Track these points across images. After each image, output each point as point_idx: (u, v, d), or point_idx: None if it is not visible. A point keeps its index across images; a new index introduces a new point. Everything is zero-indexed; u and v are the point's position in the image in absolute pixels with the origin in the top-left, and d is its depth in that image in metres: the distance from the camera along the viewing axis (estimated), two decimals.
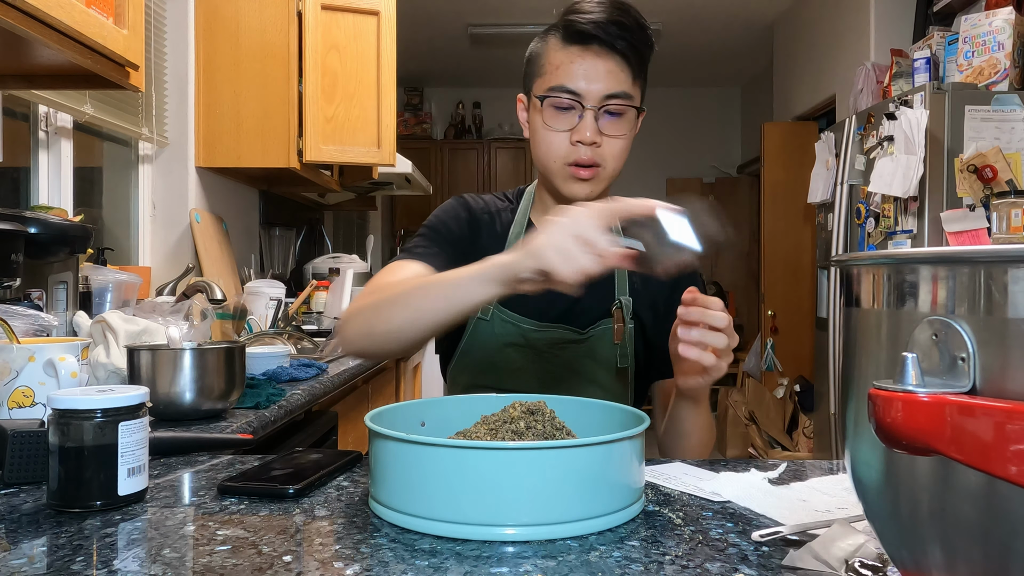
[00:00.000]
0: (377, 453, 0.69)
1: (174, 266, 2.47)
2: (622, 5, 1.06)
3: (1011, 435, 0.36)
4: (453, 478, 0.63)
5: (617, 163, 1.10)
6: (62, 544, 0.63)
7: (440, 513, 0.64)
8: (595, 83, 1.05)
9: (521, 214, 1.20)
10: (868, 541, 0.57)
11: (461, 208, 1.20)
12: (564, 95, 1.06)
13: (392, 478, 0.67)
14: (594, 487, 0.65)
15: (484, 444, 0.65)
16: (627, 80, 1.07)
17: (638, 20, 1.06)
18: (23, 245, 1.32)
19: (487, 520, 0.63)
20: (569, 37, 1.06)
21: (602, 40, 1.05)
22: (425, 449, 0.65)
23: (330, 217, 4.45)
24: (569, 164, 1.08)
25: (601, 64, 1.05)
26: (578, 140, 1.06)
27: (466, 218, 1.19)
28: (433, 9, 4.96)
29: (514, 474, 0.63)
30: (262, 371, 1.70)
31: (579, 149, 1.07)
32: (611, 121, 1.07)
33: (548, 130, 1.08)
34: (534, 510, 0.63)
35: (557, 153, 1.09)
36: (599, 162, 1.08)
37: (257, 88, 2.54)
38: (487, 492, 0.63)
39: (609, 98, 1.06)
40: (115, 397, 0.73)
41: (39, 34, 1.18)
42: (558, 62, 1.07)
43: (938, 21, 3.45)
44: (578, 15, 1.05)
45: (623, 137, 1.09)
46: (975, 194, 2.66)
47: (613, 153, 1.09)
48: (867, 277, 0.47)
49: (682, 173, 6.70)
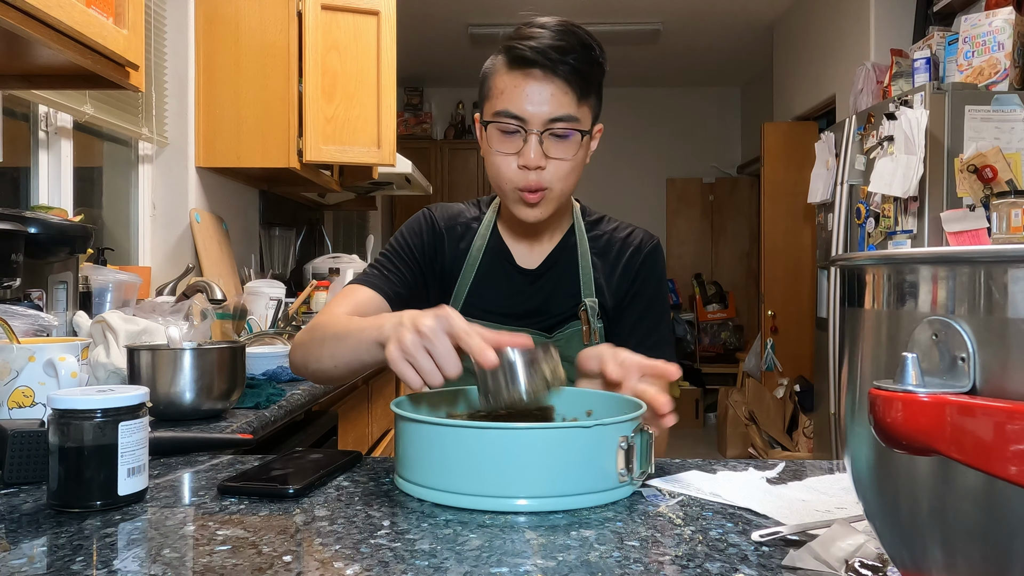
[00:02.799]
0: (405, 436, 0.77)
1: (174, 266, 2.47)
2: (565, 28, 1.07)
3: (1011, 435, 0.36)
4: (473, 455, 0.72)
5: (564, 184, 1.11)
6: (62, 544, 0.63)
7: (461, 487, 0.72)
8: (538, 107, 1.06)
9: (485, 226, 1.23)
10: (868, 541, 0.57)
11: (426, 223, 1.24)
12: (508, 120, 1.07)
13: (419, 456, 0.75)
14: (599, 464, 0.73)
15: (501, 425, 0.74)
16: (571, 103, 1.07)
17: (583, 41, 1.07)
18: (23, 245, 1.32)
19: (503, 492, 0.71)
20: (512, 62, 1.08)
21: (543, 65, 1.05)
22: (449, 430, 0.74)
23: (330, 217, 4.45)
24: (518, 188, 1.10)
25: (544, 88, 1.06)
26: (523, 164, 1.08)
27: (429, 233, 1.23)
28: (433, 9, 4.96)
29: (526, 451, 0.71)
30: (262, 371, 1.70)
31: (525, 173, 1.08)
32: (556, 143, 1.08)
33: (496, 154, 1.10)
34: (544, 483, 0.71)
35: (505, 176, 1.10)
36: (545, 184, 1.10)
37: (257, 88, 2.54)
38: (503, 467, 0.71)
39: (553, 121, 1.07)
40: (115, 397, 0.73)
41: (39, 34, 1.18)
42: (503, 86, 1.08)
43: (938, 21, 3.45)
44: (520, 40, 1.06)
45: (569, 160, 1.09)
46: (975, 194, 2.66)
47: (559, 175, 1.10)
48: (867, 277, 0.47)
49: (682, 173, 6.70)
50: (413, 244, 1.22)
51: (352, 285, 1.18)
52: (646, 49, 5.71)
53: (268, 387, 1.53)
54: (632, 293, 1.22)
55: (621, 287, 1.22)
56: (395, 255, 1.21)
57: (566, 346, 1.20)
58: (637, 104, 6.73)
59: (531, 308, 1.21)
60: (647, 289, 1.22)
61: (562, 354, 1.18)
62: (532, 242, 1.23)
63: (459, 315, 0.82)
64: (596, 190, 6.15)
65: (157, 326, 1.39)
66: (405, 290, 1.19)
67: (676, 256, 6.53)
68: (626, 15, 5.02)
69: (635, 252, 1.23)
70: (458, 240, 1.23)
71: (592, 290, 1.21)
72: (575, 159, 1.10)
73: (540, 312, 1.21)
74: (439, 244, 1.23)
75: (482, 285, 1.21)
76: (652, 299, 1.23)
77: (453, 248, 1.23)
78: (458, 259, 1.22)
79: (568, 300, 1.21)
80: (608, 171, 6.46)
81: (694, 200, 6.64)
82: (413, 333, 0.80)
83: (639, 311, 1.22)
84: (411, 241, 1.22)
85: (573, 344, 1.19)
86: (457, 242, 1.23)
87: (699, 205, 6.64)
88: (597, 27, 5.14)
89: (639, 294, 1.22)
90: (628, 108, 6.71)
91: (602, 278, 1.22)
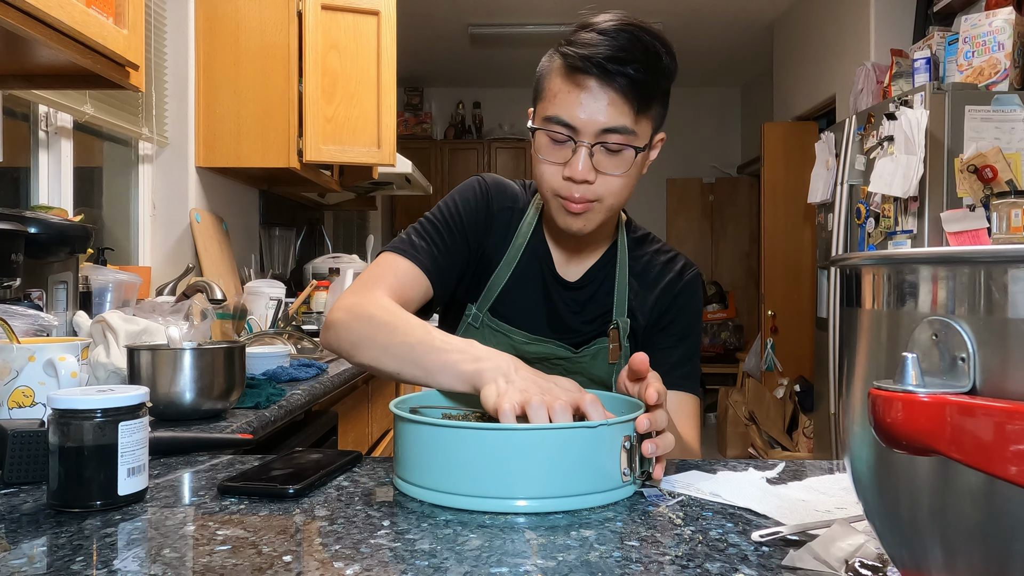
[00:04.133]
0: (405, 436, 0.77)
1: (174, 266, 2.47)
2: (632, 31, 0.96)
3: (1011, 435, 0.36)
4: (472, 456, 0.72)
5: (616, 200, 1.04)
6: (62, 544, 0.63)
7: (461, 488, 0.72)
8: (591, 116, 0.97)
9: (529, 221, 1.16)
10: (868, 541, 0.57)
11: (481, 197, 1.15)
12: (558, 128, 0.99)
13: (418, 457, 0.75)
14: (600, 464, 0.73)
15: (501, 426, 0.73)
16: (628, 114, 0.98)
17: (648, 47, 0.96)
18: (23, 245, 1.32)
19: (502, 493, 0.71)
20: (569, 67, 0.98)
21: (599, 76, 0.96)
22: (448, 431, 0.73)
23: (330, 217, 4.45)
24: (561, 196, 1.03)
25: (600, 97, 0.97)
26: (568, 176, 1.00)
27: (484, 210, 1.14)
28: (433, 9, 4.96)
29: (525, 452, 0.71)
30: (262, 371, 1.70)
31: (570, 185, 1.01)
32: (608, 157, 1.00)
33: (542, 162, 1.03)
34: (545, 484, 0.71)
35: (549, 184, 1.03)
36: (595, 197, 1.02)
37: (257, 88, 2.54)
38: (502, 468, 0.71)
39: (606, 132, 0.98)
40: (115, 397, 0.73)
41: (39, 34, 1.18)
42: (556, 89, 1.00)
43: (938, 21, 3.45)
44: (577, 47, 0.97)
45: (622, 175, 1.01)
46: (975, 194, 2.66)
47: (611, 191, 1.02)
48: (867, 277, 0.47)
49: (682, 173, 6.70)
50: (466, 218, 1.12)
51: (391, 256, 1.07)
52: None
53: (268, 387, 1.53)
54: (666, 321, 1.16)
55: (655, 312, 1.16)
56: (443, 223, 1.11)
57: (591, 363, 1.15)
58: None
59: (563, 321, 1.15)
60: (682, 319, 1.16)
61: (585, 371, 1.16)
62: (574, 252, 1.15)
63: (598, 403, 0.76)
64: None
65: (157, 326, 1.39)
66: (447, 264, 1.10)
67: None
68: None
69: (675, 279, 1.17)
70: (504, 227, 1.14)
71: (625, 310, 1.15)
72: (628, 175, 1.02)
73: (570, 327, 1.15)
74: (491, 224, 1.13)
75: (516, 287, 1.14)
76: (686, 330, 1.16)
77: (499, 234, 1.14)
78: (499, 249, 1.14)
79: (600, 317, 1.15)
80: None
81: (694, 200, 6.64)
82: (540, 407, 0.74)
83: (671, 341, 1.15)
84: (465, 212, 1.12)
85: (598, 362, 1.15)
86: (504, 229, 1.14)
87: (699, 205, 6.64)
88: None
89: (673, 323, 1.16)
90: None
91: (636, 300, 1.16)
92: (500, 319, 1.15)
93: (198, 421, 1.21)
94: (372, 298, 1.01)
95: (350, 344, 1.00)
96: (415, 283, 1.06)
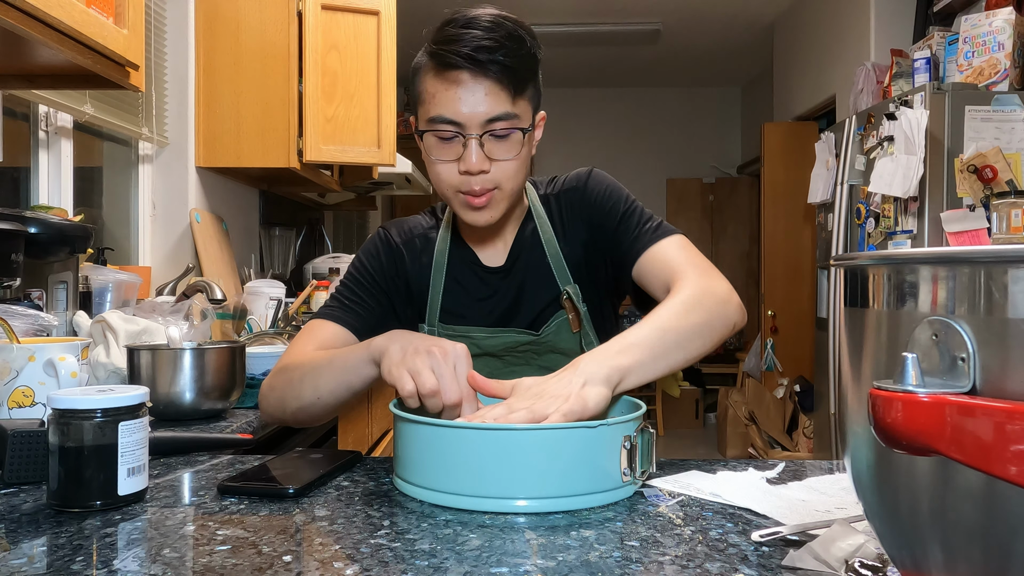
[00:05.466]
0: (405, 436, 0.77)
1: (174, 266, 2.47)
2: (492, 23, 1.00)
3: (1011, 435, 0.36)
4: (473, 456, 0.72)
5: (513, 183, 1.07)
6: (62, 544, 0.63)
7: (461, 487, 0.72)
8: (473, 109, 1.00)
9: (443, 232, 1.20)
10: (868, 541, 0.57)
11: (382, 243, 1.20)
12: (444, 126, 1.02)
13: (418, 457, 0.75)
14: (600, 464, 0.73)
15: (501, 426, 0.73)
16: (507, 99, 1.02)
17: (511, 33, 1.00)
18: (23, 245, 1.32)
19: (502, 493, 0.71)
20: (440, 66, 1.02)
21: (471, 68, 1.00)
22: (448, 431, 0.74)
23: (330, 217, 4.45)
24: (462, 192, 1.06)
25: (476, 89, 1.00)
26: (465, 170, 1.03)
27: (386, 253, 1.19)
28: (433, 9, 4.94)
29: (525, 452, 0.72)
30: (262, 371, 1.70)
31: (468, 178, 1.04)
32: (497, 144, 1.03)
33: (436, 162, 1.06)
34: (545, 484, 0.71)
35: (448, 182, 1.06)
36: (493, 185, 1.05)
37: (257, 88, 2.54)
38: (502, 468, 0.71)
39: (491, 121, 1.01)
40: (115, 397, 0.73)
41: (39, 34, 1.18)
42: (433, 90, 1.03)
43: (938, 21, 3.45)
44: (443, 45, 1.00)
45: (514, 159, 1.05)
46: (975, 194, 2.66)
47: (506, 175, 1.05)
48: (867, 277, 0.47)
49: (682, 173, 6.70)
50: (372, 268, 1.18)
51: (314, 321, 1.13)
52: (646, 49, 5.71)
53: None
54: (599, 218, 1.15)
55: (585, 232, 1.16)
56: (355, 283, 1.17)
57: (556, 339, 1.16)
58: (637, 104, 6.73)
59: (509, 307, 1.17)
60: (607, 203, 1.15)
61: (553, 347, 1.18)
62: (493, 239, 1.18)
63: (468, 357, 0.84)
64: None
65: (157, 326, 1.39)
66: (372, 318, 1.15)
67: None
68: (626, 15, 5.02)
69: (574, 191, 1.18)
70: (419, 254, 1.19)
71: (568, 275, 1.16)
72: (520, 157, 1.05)
73: (519, 310, 1.17)
74: (399, 262, 1.19)
75: (454, 293, 1.18)
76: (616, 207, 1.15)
77: (415, 263, 1.19)
78: (423, 273, 1.18)
79: (545, 291, 1.16)
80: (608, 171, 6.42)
81: (694, 200, 6.64)
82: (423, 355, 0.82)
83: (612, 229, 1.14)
84: (370, 265, 1.18)
85: (563, 335, 1.16)
86: (419, 256, 1.19)
87: (699, 205, 6.64)
88: (597, 27, 5.17)
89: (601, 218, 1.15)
90: (628, 108, 6.71)
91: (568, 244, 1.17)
92: (452, 324, 1.18)
93: (198, 421, 1.21)
94: (291, 354, 1.08)
95: (279, 404, 1.05)
96: (337, 339, 1.11)
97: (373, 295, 1.16)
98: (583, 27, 5.08)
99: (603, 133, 6.74)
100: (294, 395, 1.01)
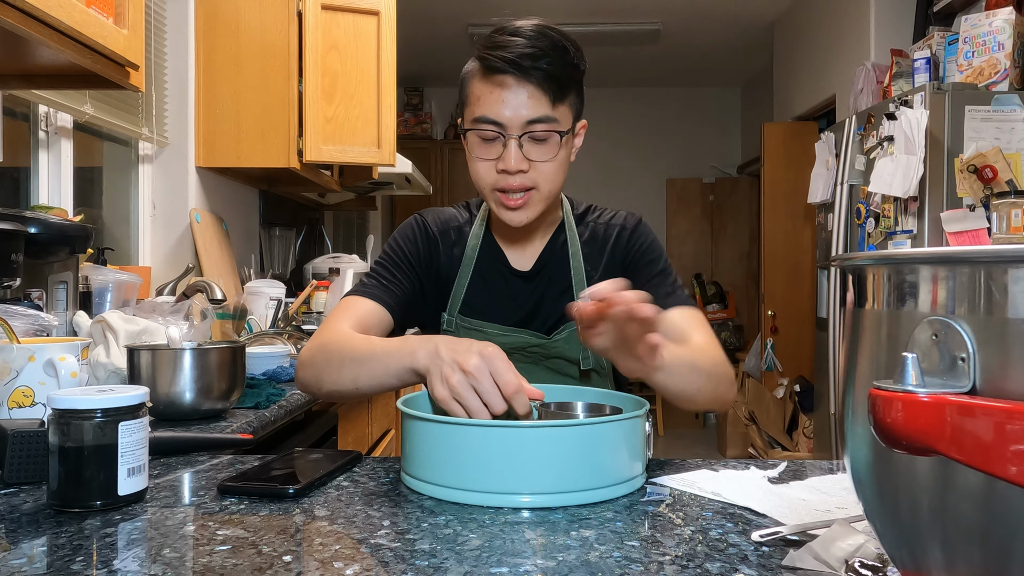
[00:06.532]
0: (413, 433, 0.79)
1: (174, 266, 2.47)
2: (538, 32, 1.07)
3: (1011, 435, 0.36)
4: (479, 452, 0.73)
5: (551, 185, 1.12)
6: (62, 544, 0.63)
7: (468, 483, 0.73)
8: (514, 111, 1.07)
9: (477, 229, 1.24)
10: (868, 541, 0.57)
11: (419, 228, 1.24)
12: (486, 126, 1.08)
13: (426, 454, 0.77)
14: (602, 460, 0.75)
15: (507, 423, 0.75)
16: (547, 104, 1.08)
17: (556, 44, 1.07)
18: (23, 245, 1.32)
19: (508, 489, 0.72)
20: (487, 70, 1.08)
21: (515, 72, 1.06)
22: (456, 428, 0.75)
23: (330, 217, 4.44)
24: (499, 190, 1.11)
25: (519, 92, 1.07)
26: (503, 169, 1.09)
27: (423, 238, 1.23)
28: (433, 9, 4.96)
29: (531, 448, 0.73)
30: (262, 371, 1.70)
31: (506, 177, 1.09)
32: (536, 146, 1.09)
33: (476, 160, 1.12)
34: (549, 480, 0.72)
35: (486, 181, 1.12)
36: (531, 185, 1.10)
37: (257, 88, 2.54)
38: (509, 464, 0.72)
39: (530, 123, 1.07)
40: (115, 397, 0.73)
41: (39, 34, 1.18)
42: (479, 93, 1.10)
43: (938, 21, 3.45)
44: (491, 51, 1.06)
45: (552, 160, 1.10)
46: (975, 194, 2.66)
47: (545, 176, 1.11)
48: (867, 277, 0.47)
49: (682, 173, 6.70)
50: (408, 250, 1.22)
51: (351, 297, 1.17)
52: (646, 49, 5.70)
53: (268, 387, 1.53)
54: (631, 267, 1.21)
55: (615, 271, 1.21)
56: (391, 263, 1.21)
57: (565, 346, 1.20)
58: (637, 104, 6.73)
59: (528, 310, 1.21)
60: (646, 257, 1.22)
61: (560, 353, 1.21)
62: (524, 243, 1.23)
63: (503, 356, 0.83)
64: (596, 190, 6.14)
65: (157, 326, 1.39)
66: (405, 297, 1.19)
67: (676, 256, 6.53)
68: (626, 15, 5.02)
69: (621, 231, 1.23)
70: (452, 246, 1.24)
71: (585, 287, 1.18)
72: (557, 159, 1.11)
73: (536, 314, 1.21)
74: (433, 249, 1.23)
75: (478, 289, 1.22)
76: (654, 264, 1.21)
77: (448, 253, 1.23)
78: (453, 264, 1.23)
79: (562, 300, 1.20)
80: (608, 171, 6.46)
81: (694, 200, 6.63)
82: (460, 374, 0.82)
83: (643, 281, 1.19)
84: (406, 248, 1.22)
85: (572, 344, 1.19)
86: (451, 248, 1.24)
87: (699, 205, 6.63)
88: (597, 27, 5.17)
89: (636, 266, 1.21)
90: (628, 108, 6.70)
91: (595, 270, 1.21)
92: (471, 317, 1.22)
93: (198, 421, 1.21)
94: (331, 329, 1.10)
95: (315, 380, 1.07)
96: (373, 315, 1.14)
97: (408, 276, 1.21)
98: (583, 27, 5.08)
99: (603, 133, 6.74)
100: (332, 379, 1.03)
